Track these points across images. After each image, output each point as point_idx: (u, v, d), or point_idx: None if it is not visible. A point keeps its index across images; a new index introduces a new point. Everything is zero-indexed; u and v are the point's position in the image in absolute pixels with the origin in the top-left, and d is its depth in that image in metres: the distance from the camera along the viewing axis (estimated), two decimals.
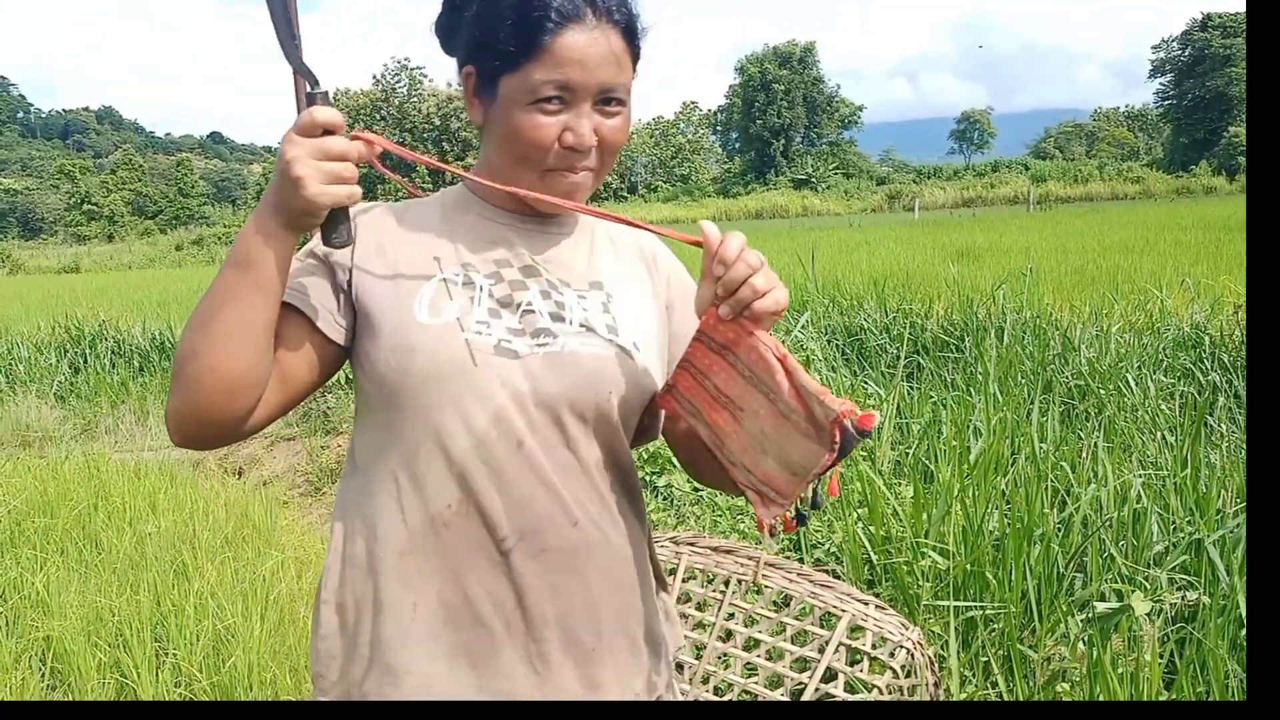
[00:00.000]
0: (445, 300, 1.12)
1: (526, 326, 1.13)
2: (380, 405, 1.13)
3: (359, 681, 1.13)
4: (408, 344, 1.09)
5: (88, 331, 9.62)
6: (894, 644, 2.15)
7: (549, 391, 1.11)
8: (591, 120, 1.11)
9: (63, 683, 3.03)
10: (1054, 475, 3.40)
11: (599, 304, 1.19)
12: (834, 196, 60.10)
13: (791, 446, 1.06)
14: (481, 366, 1.09)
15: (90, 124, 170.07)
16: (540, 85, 1.08)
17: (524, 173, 1.14)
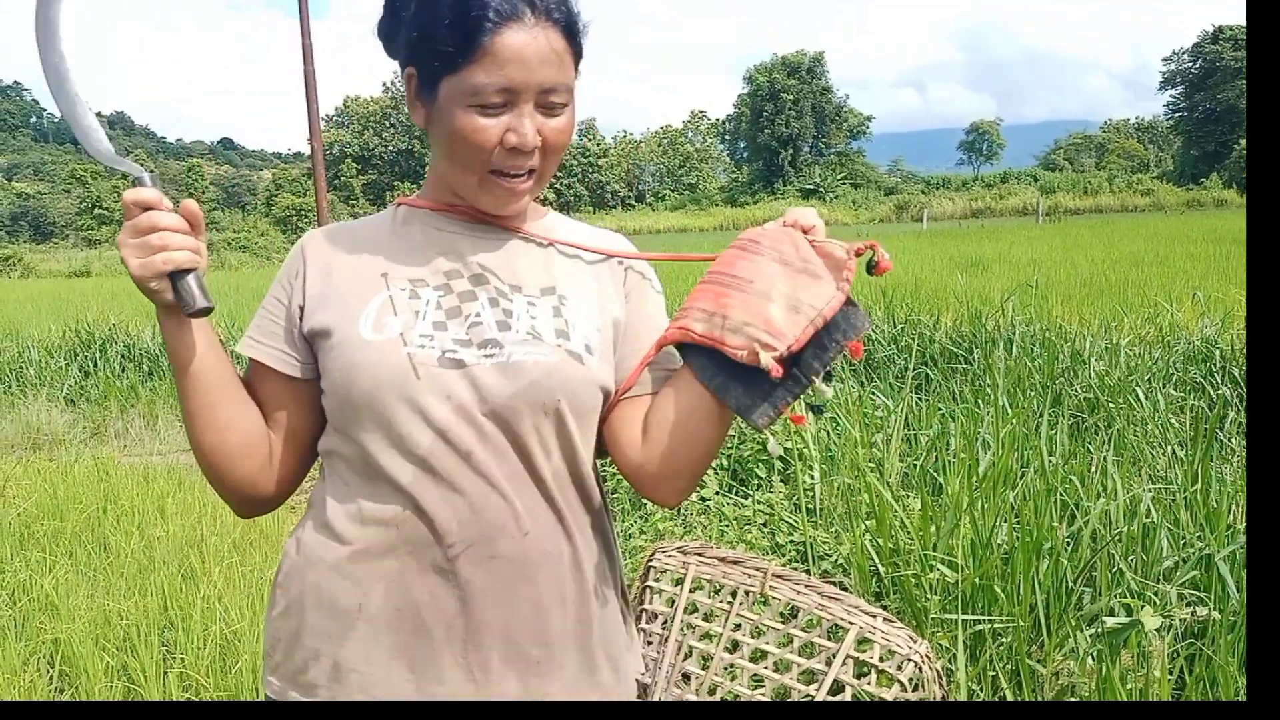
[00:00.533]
0: (389, 315, 1.13)
1: (474, 337, 1.13)
2: (335, 416, 1.16)
3: (303, 669, 1.16)
4: (352, 361, 1.11)
5: (98, 335, 9.67)
6: (902, 657, 2.14)
7: (497, 401, 1.10)
8: (534, 120, 1.11)
9: (70, 685, 3.03)
10: (1063, 489, 3.39)
11: (549, 309, 1.18)
12: (842, 206, 60.11)
13: (802, 290, 1.12)
14: (424, 380, 1.09)
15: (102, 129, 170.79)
16: (481, 87, 1.07)
17: (467, 174, 1.14)
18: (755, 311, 1.10)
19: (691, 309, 1.16)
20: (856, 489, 3.50)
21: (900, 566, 2.94)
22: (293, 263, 1.21)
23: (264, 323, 1.20)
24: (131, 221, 1.07)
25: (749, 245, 1.17)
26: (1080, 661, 2.40)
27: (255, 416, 1.19)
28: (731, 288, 1.14)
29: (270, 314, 1.20)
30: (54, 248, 66.23)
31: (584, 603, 1.18)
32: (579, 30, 1.14)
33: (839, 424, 4.36)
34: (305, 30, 12.25)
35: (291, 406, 1.20)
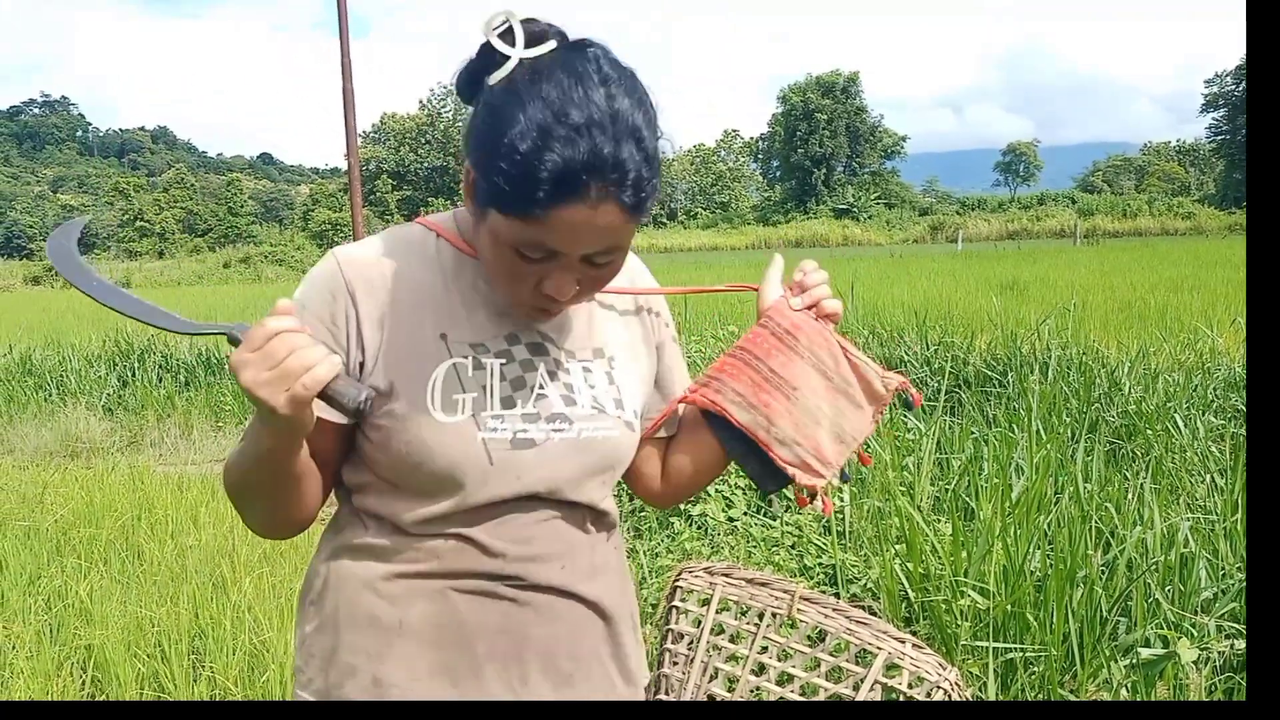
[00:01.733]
0: (458, 392, 1.08)
1: (541, 411, 1.12)
2: (387, 474, 1.13)
3: (338, 685, 1.15)
4: (422, 441, 1.07)
5: (136, 346, 9.81)
6: (931, 684, 2.11)
7: (565, 476, 1.13)
8: (576, 273, 1.03)
9: (102, 691, 3.07)
10: (1098, 516, 3.34)
11: (604, 374, 1.19)
12: (875, 226, 59.87)
13: (845, 417, 1.21)
14: (499, 464, 1.09)
15: (145, 143, 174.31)
16: (524, 242, 0.99)
17: (499, 288, 1.09)
18: (804, 432, 1.20)
19: (724, 386, 1.22)
20: (886, 512, 3.47)
21: (930, 592, 2.90)
22: (335, 299, 1.09)
23: None
24: (259, 353, 0.93)
25: (785, 338, 1.21)
26: (1114, 693, 2.36)
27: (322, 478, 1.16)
28: (774, 386, 1.20)
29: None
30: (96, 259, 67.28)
31: (611, 618, 1.24)
32: (648, 205, 1.00)
33: (869, 447, 4.33)
34: (345, 49, 12.42)
35: (330, 444, 1.14)
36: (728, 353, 1.25)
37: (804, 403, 1.20)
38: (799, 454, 1.20)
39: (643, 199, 0.98)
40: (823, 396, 1.20)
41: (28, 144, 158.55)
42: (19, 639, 3.29)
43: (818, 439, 1.20)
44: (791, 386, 1.20)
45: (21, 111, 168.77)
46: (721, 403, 1.21)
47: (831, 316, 1.22)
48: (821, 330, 1.21)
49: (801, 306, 1.21)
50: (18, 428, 7.41)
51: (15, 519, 4.69)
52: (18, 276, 47.23)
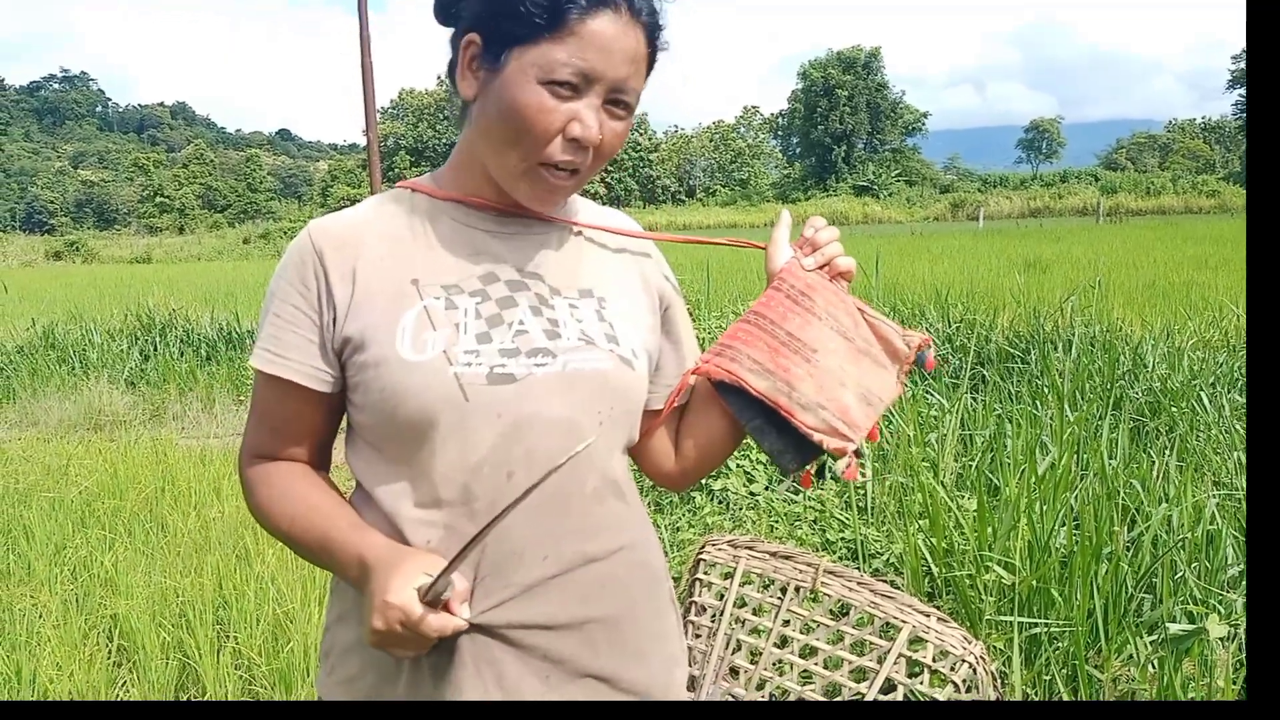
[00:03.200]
0: (428, 331, 1.05)
1: (521, 346, 1.07)
2: (373, 438, 1.10)
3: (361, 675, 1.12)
4: (394, 384, 1.04)
5: (158, 320, 9.87)
6: (956, 658, 2.10)
7: (551, 413, 1.06)
8: (599, 116, 1.04)
9: (128, 659, 3.10)
10: (1124, 493, 3.31)
11: (593, 312, 1.14)
12: (896, 204, 59.42)
13: (869, 378, 1.16)
14: (474, 400, 1.03)
15: (165, 119, 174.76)
16: (560, 65, 1.00)
17: (513, 158, 1.05)
18: (829, 394, 1.14)
19: (739, 354, 1.16)
20: (910, 488, 3.45)
21: (954, 567, 2.89)
22: (304, 263, 1.10)
23: (284, 334, 1.10)
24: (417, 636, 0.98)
25: (800, 300, 1.17)
26: (1141, 669, 2.34)
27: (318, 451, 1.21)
28: (792, 349, 1.15)
29: (290, 324, 1.09)
30: (117, 234, 67.81)
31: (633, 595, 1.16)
32: (660, 40, 1.08)
33: (892, 422, 4.30)
34: (364, 22, 12.38)
35: (320, 418, 1.15)
36: (740, 319, 1.20)
37: (826, 364, 1.14)
38: (825, 418, 1.13)
39: (658, 27, 1.07)
40: (845, 358, 1.16)
41: (48, 119, 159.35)
42: (46, 608, 3.33)
43: (844, 401, 1.14)
44: (811, 349, 1.14)
45: (41, 87, 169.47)
46: (738, 371, 1.15)
47: (845, 274, 1.19)
48: (837, 290, 1.18)
49: (814, 266, 1.18)
50: (41, 401, 7.47)
51: (40, 490, 4.74)
52: (40, 252, 47.59)
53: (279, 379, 1.10)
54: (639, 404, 1.16)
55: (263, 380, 1.13)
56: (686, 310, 1.31)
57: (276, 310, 1.10)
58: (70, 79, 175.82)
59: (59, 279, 24.95)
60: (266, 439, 1.15)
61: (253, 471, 1.16)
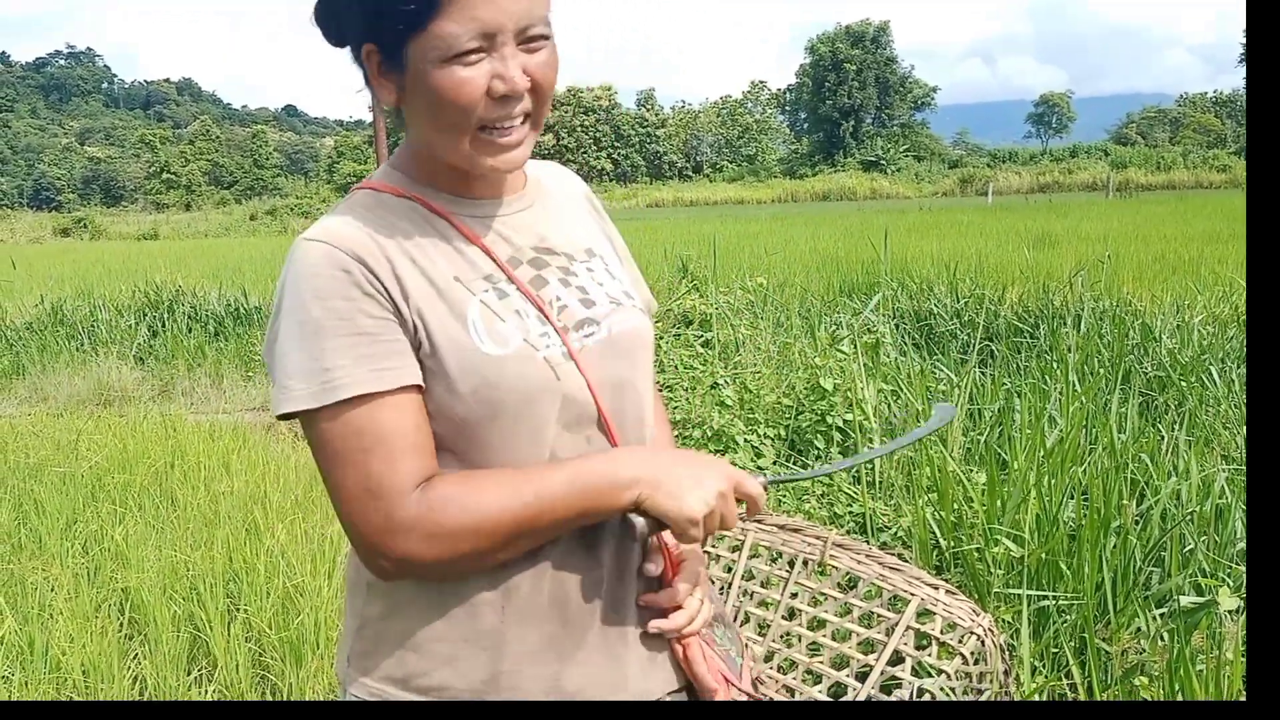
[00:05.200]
0: (498, 323, 1.04)
1: (567, 321, 1.08)
2: (461, 439, 1.05)
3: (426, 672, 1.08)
4: (486, 382, 1.02)
5: (166, 296, 9.90)
6: (964, 630, 2.10)
7: (612, 378, 1.10)
8: (518, 60, 1.00)
9: (139, 632, 3.12)
10: (1133, 467, 3.30)
11: (604, 270, 1.18)
12: (904, 179, 59.12)
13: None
14: (564, 378, 1.05)
15: (171, 95, 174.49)
16: (454, 36, 0.97)
17: (457, 139, 1.03)
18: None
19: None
20: (918, 462, 3.45)
21: (963, 540, 2.89)
22: (351, 272, 1.01)
23: (373, 348, 1.01)
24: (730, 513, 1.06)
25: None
26: (1151, 641, 2.34)
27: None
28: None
29: (374, 336, 1.01)
30: (124, 211, 67.92)
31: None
32: None
33: (900, 396, 4.30)
34: None
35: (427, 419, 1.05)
36: None
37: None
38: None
39: None
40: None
41: (54, 96, 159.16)
42: (58, 581, 3.35)
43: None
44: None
45: (47, 63, 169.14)
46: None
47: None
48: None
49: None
50: (51, 377, 7.51)
51: (51, 465, 4.76)
52: (47, 228, 47.69)
53: (401, 392, 1.01)
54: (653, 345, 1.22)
55: (376, 406, 1.00)
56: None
57: (347, 330, 1.00)
58: (76, 55, 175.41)
59: (67, 256, 24.99)
60: (414, 464, 1.01)
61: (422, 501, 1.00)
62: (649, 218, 28.93)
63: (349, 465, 1.00)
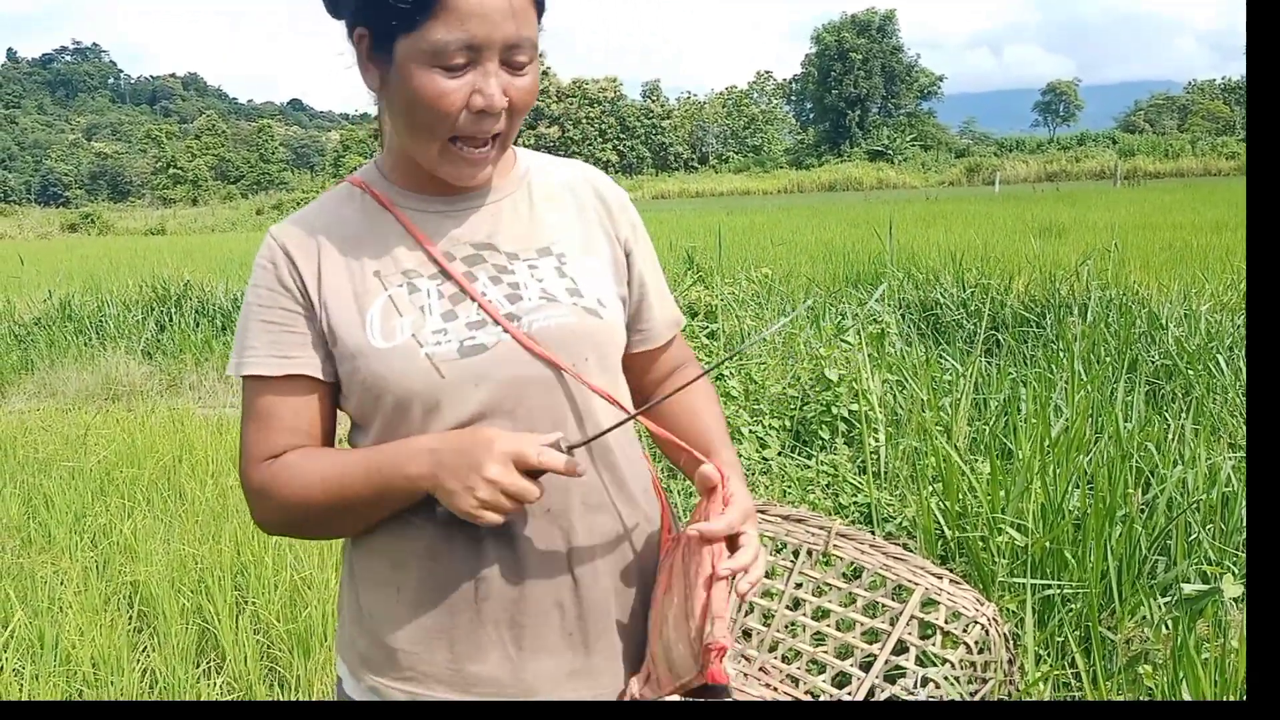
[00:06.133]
0: (395, 318, 1.09)
1: (487, 316, 1.09)
2: (366, 426, 1.14)
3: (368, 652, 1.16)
4: (371, 373, 1.08)
5: (173, 291, 9.91)
6: (968, 619, 2.11)
7: (526, 372, 1.09)
8: (500, 79, 1.04)
9: (149, 625, 3.14)
10: (1139, 456, 3.30)
11: (552, 270, 1.15)
12: (910, 169, 58.86)
13: (676, 648, 1.06)
14: (450, 376, 1.06)
15: (177, 90, 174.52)
16: (442, 45, 1.00)
17: (427, 142, 1.07)
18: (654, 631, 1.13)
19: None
20: (923, 451, 3.45)
21: (967, 529, 2.89)
22: (278, 265, 1.13)
23: (282, 336, 1.12)
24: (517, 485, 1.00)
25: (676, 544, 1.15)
26: (1155, 630, 2.34)
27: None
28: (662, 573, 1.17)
29: (284, 326, 1.12)
30: (131, 206, 67.94)
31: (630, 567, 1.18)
32: None
33: (905, 386, 4.29)
34: None
35: (327, 410, 1.16)
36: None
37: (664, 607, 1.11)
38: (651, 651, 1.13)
39: None
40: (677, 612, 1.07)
41: (61, 91, 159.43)
42: (67, 575, 3.37)
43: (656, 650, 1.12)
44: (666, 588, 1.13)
45: (54, 59, 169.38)
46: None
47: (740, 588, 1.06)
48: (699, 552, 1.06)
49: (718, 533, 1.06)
50: (59, 372, 7.53)
51: (60, 460, 4.79)
52: (55, 224, 47.72)
53: (289, 379, 1.12)
54: (615, 349, 1.18)
55: (266, 386, 1.12)
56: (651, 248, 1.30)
57: (265, 318, 1.12)
58: (82, 51, 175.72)
59: (74, 251, 25.05)
60: (277, 440, 1.12)
61: (266, 469, 1.12)
62: (655, 209, 28.87)
63: (242, 425, 1.15)
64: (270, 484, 1.11)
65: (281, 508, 1.11)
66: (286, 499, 1.10)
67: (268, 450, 1.12)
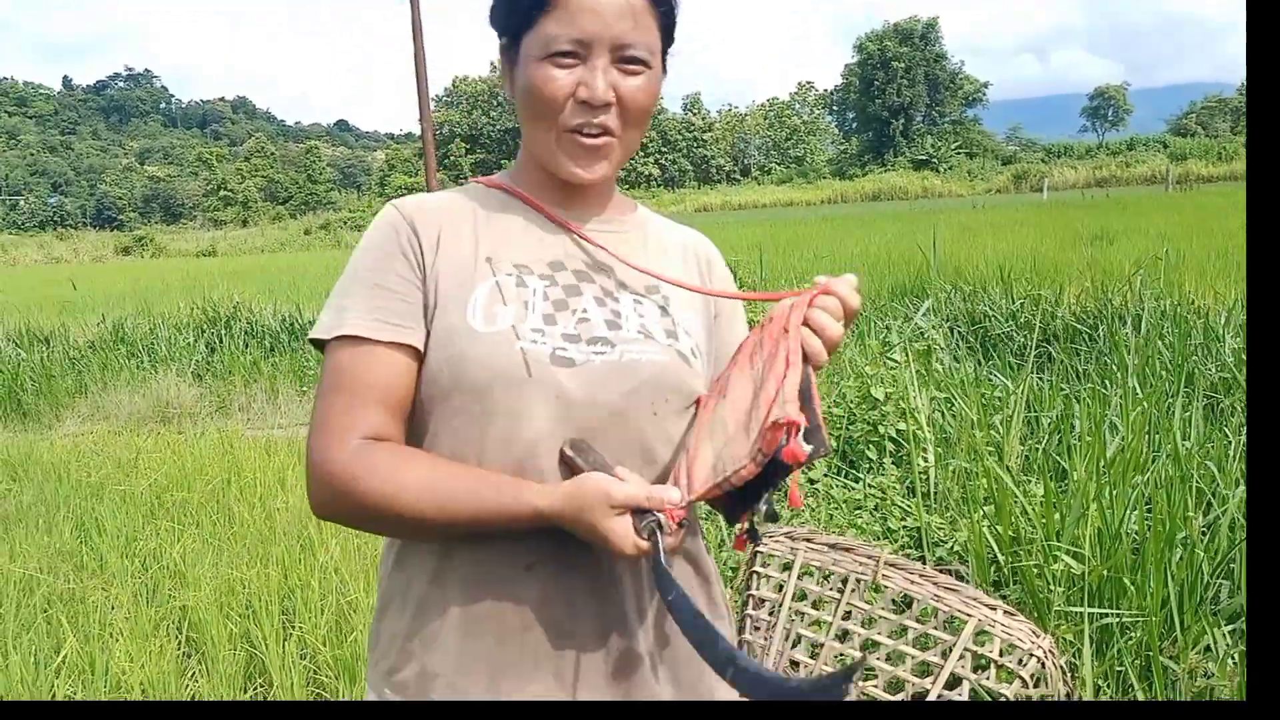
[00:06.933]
0: (499, 305, 1.08)
1: (583, 333, 1.09)
2: (433, 410, 1.09)
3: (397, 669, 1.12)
4: (461, 352, 1.06)
5: (223, 313, 10.07)
6: (1023, 652, 2.04)
7: (605, 399, 1.07)
8: (608, 76, 1.07)
9: (197, 650, 3.16)
10: (1198, 475, 3.19)
11: (656, 309, 1.16)
12: (956, 177, 58.32)
13: (735, 442, 1.00)
14: (536, 376, 1.05)
15: (226, 114, 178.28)
16: (552, 37, 1.06)
17: (544, 132, 1.11)
18: (695, 440, 1.07)
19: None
20: (974, 473, 3.37)
21: (1021, 556, 2.81)
22: (399, 232, 1.12)
23: (393, 303, 1.09)
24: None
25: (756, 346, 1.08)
26: (1220, 663, 2.25)
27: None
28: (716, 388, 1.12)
29: (397, 293, 1.09)
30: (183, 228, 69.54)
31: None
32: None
33: (954, 404, 4.21)
34: (415, 10, 12.47)
35: (414, 388, 1.11)
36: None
37: (718, 411, 1.06)
38: (680, 462, 1.07)
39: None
40: (739, 411, 1.02)
41: (114, 117, 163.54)
42: (118, 600, 3.41)
43: (700, 453, 1.04)
44: (722, 393, 1.08)
45: (107, 86, 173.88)
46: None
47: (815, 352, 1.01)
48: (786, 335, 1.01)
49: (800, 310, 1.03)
50: (112, 395, 7.67)
51: (112, 483, 4.87)
52: (109, 247, 48.95)
53: (391, 347, 1.08)
54: (694, 399, 1.15)
55: (365, 352, 1.07)
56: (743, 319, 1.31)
57: (376, 280, 1.10)
58: (135, 77, 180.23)
59: (128, 274, 25.63)
60: (368, 415, 1.06)
61: (354, 453, 1.05)
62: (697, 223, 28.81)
63: (324, 395, 1.09)
64: (356, 470, 1.04)
65: (362, 496, 1.04)
66: (371, 491, 1.03)
67: (356, 426, 1.06)
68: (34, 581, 3.59)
